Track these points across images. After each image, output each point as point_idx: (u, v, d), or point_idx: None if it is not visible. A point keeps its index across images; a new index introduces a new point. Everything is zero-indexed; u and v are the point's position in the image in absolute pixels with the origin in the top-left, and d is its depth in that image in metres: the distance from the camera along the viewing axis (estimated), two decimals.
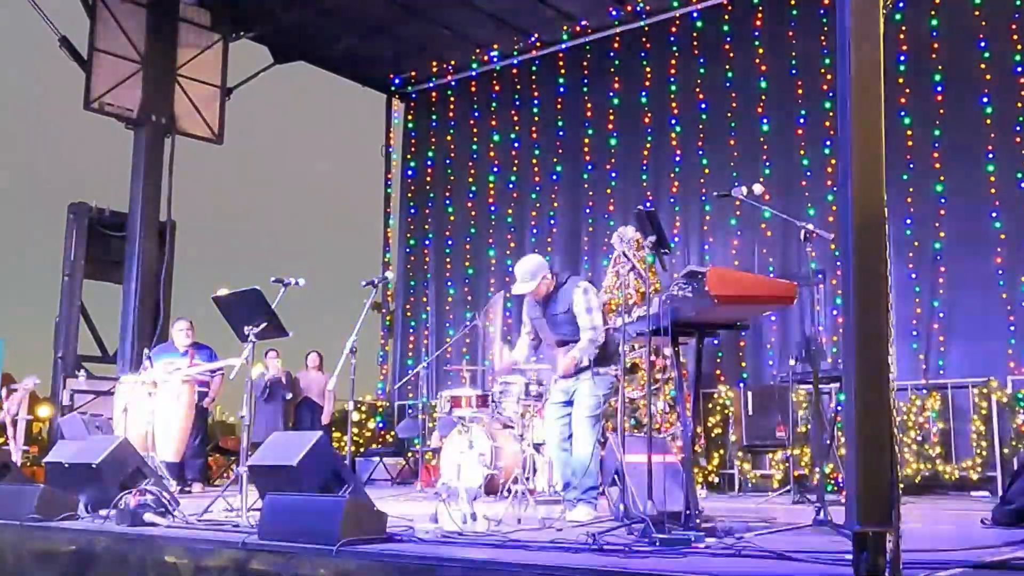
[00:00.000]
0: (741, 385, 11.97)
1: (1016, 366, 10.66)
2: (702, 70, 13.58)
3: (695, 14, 13.70)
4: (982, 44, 11.37)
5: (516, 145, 15.44)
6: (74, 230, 13.59)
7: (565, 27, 14.74)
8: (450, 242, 16.09)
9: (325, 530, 5.07)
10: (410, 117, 17.20)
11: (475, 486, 8.98)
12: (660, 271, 10.97)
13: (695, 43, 13.69)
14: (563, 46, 15.04)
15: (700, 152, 13.41)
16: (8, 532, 6.79)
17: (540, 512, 7.47)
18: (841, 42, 3.80)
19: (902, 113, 11.60)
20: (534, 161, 15.20)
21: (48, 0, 13.38)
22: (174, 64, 14.46)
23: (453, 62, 16.12)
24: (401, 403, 15.65)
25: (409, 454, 14.15)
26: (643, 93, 14.06)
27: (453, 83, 16.46)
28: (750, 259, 12.48)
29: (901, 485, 3.61)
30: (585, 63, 14.84)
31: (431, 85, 16.73)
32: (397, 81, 17.01)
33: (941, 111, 11.57)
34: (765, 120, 12.88)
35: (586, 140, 14.63)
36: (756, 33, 13.13)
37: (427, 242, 16.45)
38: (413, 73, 16.74)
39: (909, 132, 11.62)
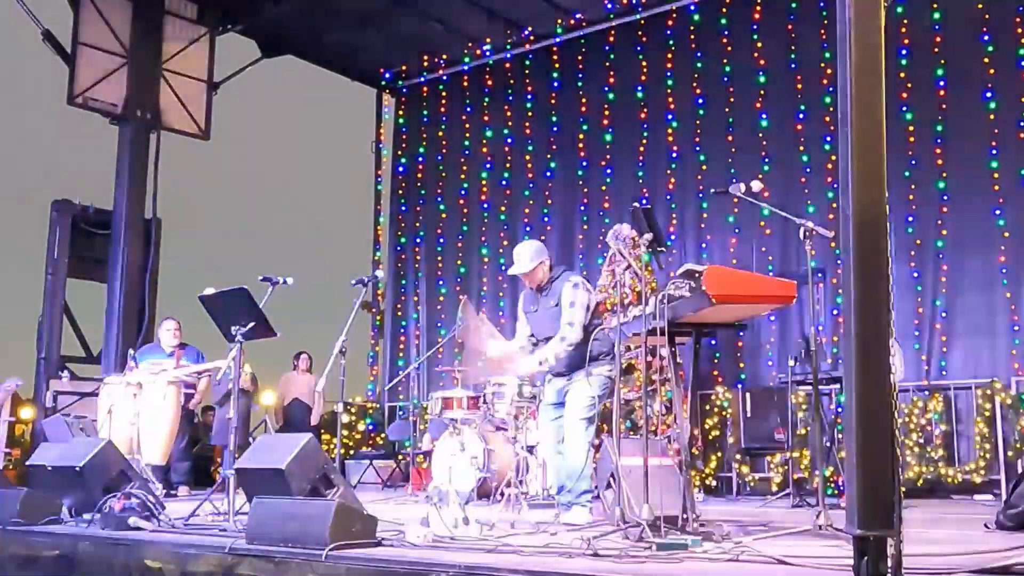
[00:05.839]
0: (739, 386, 11.86)
1: (1020, 367, 10.59)
2: (699, 64, 13.48)
3: (692, 7, 13.61)
4: (985, 38, 11.28)
5: (509, 141, 15.33)
6: (57, 228, 13.44)
7: (559, 20, 14.64)
8: (441, 240, 15.98)
9: (314, 534, 5.04)
10: (401, 112, 17.10)
11: (467, 489, 8.88)
12: (656, 269, 10.89)
13: (692, 36, 13.60)
14: (557, 39, 14.92)
15: (697, 148, 13.31)
16: None
17: (534, 516, 7.34)
18: (841, 35, 3.71)
19: (904, 108, 11.52)
20: (527, 157, 15.09)
21: None
22: (160, 58, 14.33)
23: (445, 56, 16.02)
24: (392, 405, 15.54)
25: (400, 457, 14.02)
26: (639, 88, 13.96)
27: (445, 78, 16.33)
28: (749, 257, 12.38)
29: (903, 488, 3.57)
30: (580, 57, 14.75)
31: (422, 80, 16.61)
32: (387, 76, 16.90)
33: (944, 106, 11.49)
34: (764, 115, 12.78)
35: (581, 136, 14.53)
36: (755, 26, 13.03)
37: (418, 240, 16.32)
38: (404, 67, 16.63)
39: (911, 128, 11.55)
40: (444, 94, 16.38)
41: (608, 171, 14.15)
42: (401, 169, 16.84)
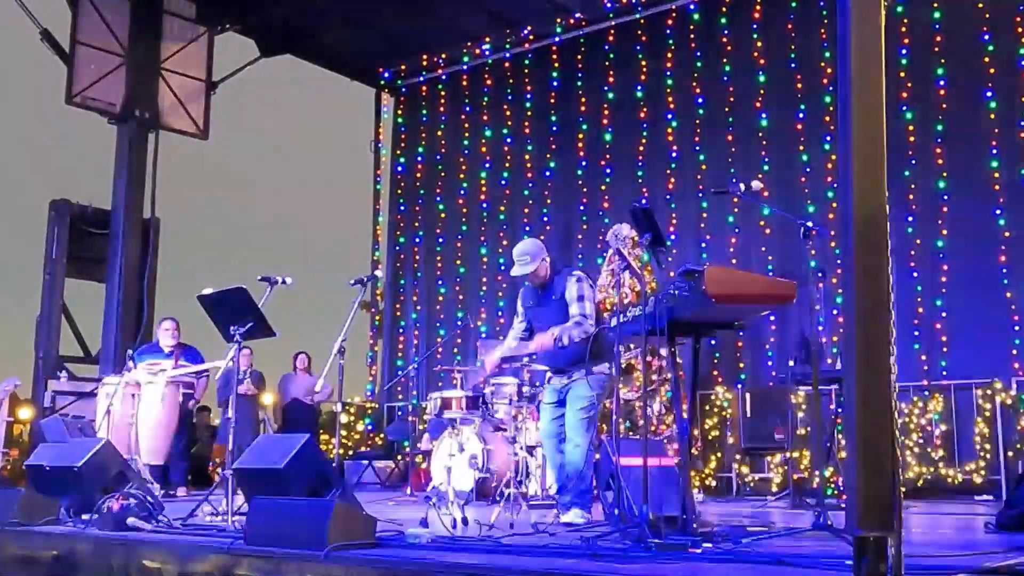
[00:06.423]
0: (739, 386, 11.82)
1: (1021, 367, 10.54)
2: (699, 63, 13.44)
3: (692, 6, 13.57)
4: (986, 37, 11.24)
5: (508, 140, 15.30)
6: (56, 228, 13.41)
7: (559, 19, 14.60)
8: (441, 240, 15.94)
9: (313, 535, 5.02)
10: (400, 112, 17.06)
11: (466, 490, 8.86)
12: (656, 269, 10.83)
13: (692, 36, 13.56)
14: (557, 39, 14.89)
15: (697, 147, 13.27)
16: None
17: (533, 516, 7.34)
18: (841, 35, 3.73)
19: (904, 107, 11.49)
20: (527, 157, 15.05)
21: None
22: (158, 57, 14.30)
23: (444, 55, 15.98)
24: (391, 405, 15.50)
25: (399, 457, 14.01)
26: (639, 87, 13.93)
27: (444, 77, 16.30)
28: (748, 257, 12.35)
29: (903, 489, 3.56)
30: (579, 56, 14.71)
31: (421, 79, 16.57)
32: (387, 75, 16.86)
33: (944, 105, 11.44)
34: (764, 115, 12.74)
35: (580, 135, 14.49)
36: (754, 25, 13.00)
37: (417, 240, 16.29)
38: (403, 67, 16.59)
39: (911, 127, 11.50)
40: (443, 93, 16.34)
41: (607, 170, 14.11)
42: (400, 169, 16.81)
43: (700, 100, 13.36)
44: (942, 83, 11.47)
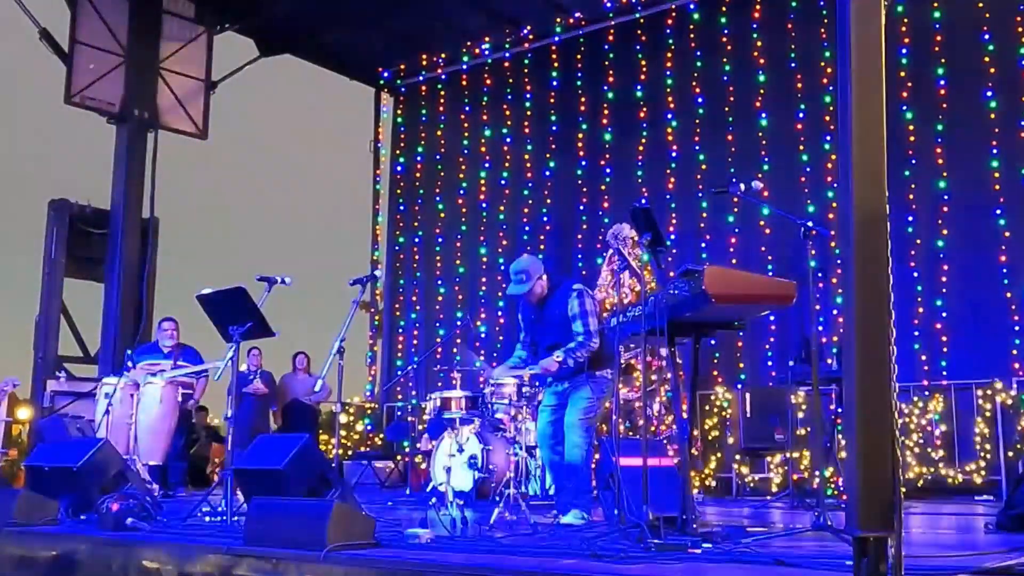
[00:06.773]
0: (739, 387, 11.78)
1: (1021, 367, 10.54)
2: (699, 63, 13.44)
3: (692, 6, 13.57)
4: (986, 36, 11.25)
5: (508, 140, 15.29)
6: (55, 227, 13.39)
7: (558, 19, 14.61)
8: (440, 240, 15.92)
9: (312, 535, 4.99)
10: (399, 112, 17.05)
11: (466, 490, 8.82)
12: (656, 269, 10.77)
13: (692, 35, 13.57)
14: (556, 38, 14.88)
15: (697, 147, 13.26)
16: None
17: (532, 517, 7.29)
18: (841, 34, 3.70)
19: (904, 107, 11.49)
20: (526, 156, 15.04)
21: None
22: (157, 57, 14.30)
23: (443, 55, 15.99)
24: (390, 405, 15.47)
25: (398, 457, 13.98)
26: (638, 87, 13.92)
27: (443, 77, 16.29)
28: (748, 257, 12.33)
29: (903, 489, 3.57)
30: (579, 56, 14.71)
31: (421, 79, 16.56)
32: (386, 75, 16.86)
33: (944, 105, 11.45)
34: (764, 115, 12.74)
35: (580, 135, 14.48)
36: (754, 25, 13.00)
37: (416, 240, 16.28)
38: (402, 66, 16.60)
39: (911, 127, 11.51)
40: (443, 93, 16.33)
41: (607, 170, 14.11)
42: (399, 168, 16.80)
43: (700, 100, 13.35)
44: (942, 83, 11.47)
